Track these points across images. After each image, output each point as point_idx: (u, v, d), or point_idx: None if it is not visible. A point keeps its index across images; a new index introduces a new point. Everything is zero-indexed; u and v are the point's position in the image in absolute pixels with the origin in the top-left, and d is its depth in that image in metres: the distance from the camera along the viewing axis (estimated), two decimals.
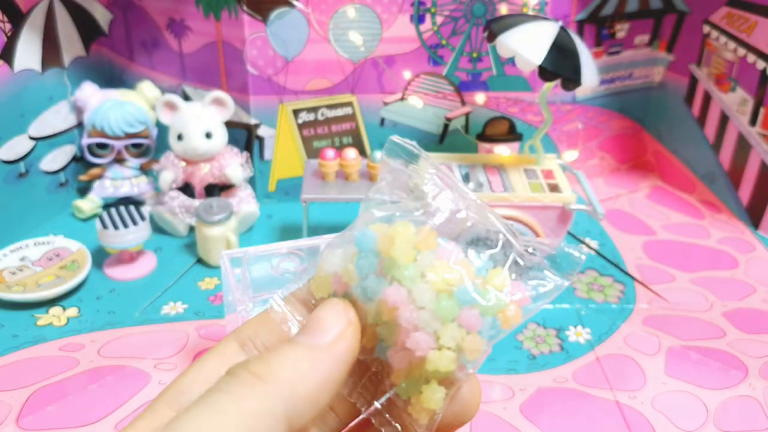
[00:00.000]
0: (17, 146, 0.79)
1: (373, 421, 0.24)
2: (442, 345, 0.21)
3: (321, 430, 0.24)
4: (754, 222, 0.88)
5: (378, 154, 0.77)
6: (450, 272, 0.22)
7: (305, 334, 0.22)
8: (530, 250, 0.23)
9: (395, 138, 0.25)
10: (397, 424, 0.23)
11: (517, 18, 0.73)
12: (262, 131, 0.88)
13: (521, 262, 0.23)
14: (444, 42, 0.87)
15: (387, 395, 0.24)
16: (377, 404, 0.23)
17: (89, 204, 0.84)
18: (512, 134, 0.90)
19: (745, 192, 0.88)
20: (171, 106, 0.80)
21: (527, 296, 0.23)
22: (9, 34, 0.76)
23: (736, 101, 0.87)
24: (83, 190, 0.87)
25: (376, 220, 0.24)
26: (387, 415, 0.23)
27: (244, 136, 0.88)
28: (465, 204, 0.24)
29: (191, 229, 0.82)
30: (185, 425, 0.20)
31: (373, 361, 0.24)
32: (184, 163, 0.82)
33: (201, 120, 0.79)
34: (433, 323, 0.22)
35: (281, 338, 0.24)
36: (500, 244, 0.24)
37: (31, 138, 0.80)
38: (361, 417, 0.24)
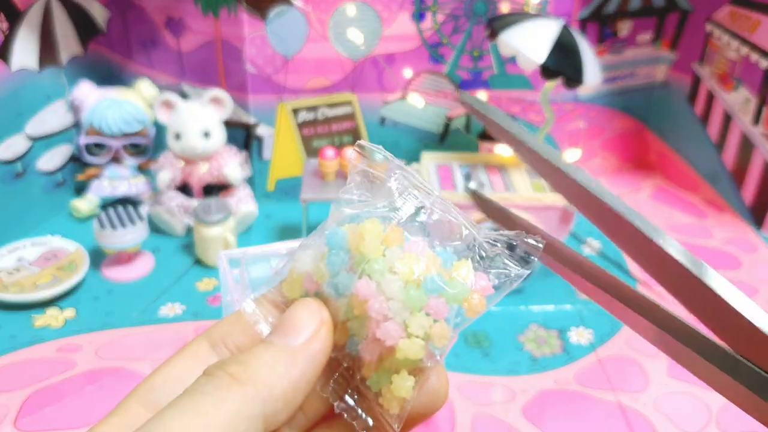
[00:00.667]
0: (14, 146, 0.78)
1: (345, 416, 0.24)
2: (411, 333, 0.22)
3: (291, 429, 0.24)
4: (758, 222, 0.87)
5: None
6: (417, 264, 0.23)
7: (279, 334, 0.23)
8: (491, 241, 0.25)
9: (361, 142, 0.26)
10: (368, 418, 0.24)
11: (519, 16, 0.72)
12: (261, 130, 0.88)
13: (483, 254, 0.25)
14: (445, 40, 0.86)
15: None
16: (348, 399, 0.24)
17: (87, 204, 0.83)
18: None
19: (749, 192, 0.88)
20: (168, 105, 0.80)
21: (490, 285, 0.24)
22: (6, 33, 0.75)
23: (739, 100, 0.87)
24: (81, 190, 0.87)
25: (345, 218, 0.25)
26: (359, 410, 0.24)
27: (242, 136, 0.88)
28: (430, 201, 0.25)
29: (189, 229, 0.81)
30: (166, 425, 0.20)
31: (345, 357, 0.24)
32: (182, 163, 0.81)
33: (199, 119, 0.79)
34: (402, 313, 0.23)
35: (253, 339, 0.24)
36: (464, 237, 0.25)
37: (29, 137, 0.80)
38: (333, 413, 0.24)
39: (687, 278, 0.22)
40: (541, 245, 0.24)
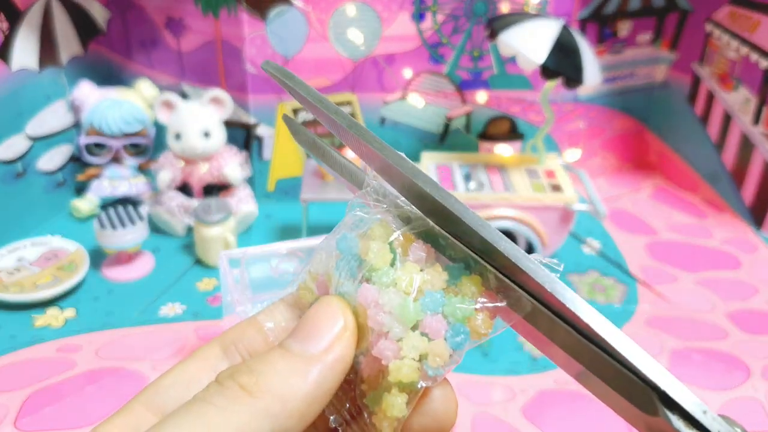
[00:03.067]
0: (14, 146, 0.78)
1: (340, 431, 0.23)
2: (404, 355, 0.21)
3: None
4: (757, 222, 0.87)
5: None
6: (419, 277, 0.22)
7: (297, 338, 0.21)
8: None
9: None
10: None
11: (519, 16, 0.72)
12: (261, 130, 0.88)
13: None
14: (445, 40, 0.86)
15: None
16: (346, 413, 0.23)
17: (87, 204, 0.84)
18: (514, 133, 0.90)
19: (749, 192, 0.88)
20: (169, 105, 0.80)
21: (502, 307, 0.22)
22: (6, 33, 0.75)
23: (738, 100, 0.87)
24: (81, 190, 0.87)
25: (357, 222, 0.24)
26: (354, 427, 0.23)
27: (242, 136, 0.88)
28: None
29: (189, 229, 0.81)
30: None
31: (349, 369, 0.24)
32: (182, 163, 0.81)
33: (199, 119, 0.79)
34: (397, 329, 0.21)
35: (266, 343, 0.23)
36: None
37: (29, 137, 0.80)
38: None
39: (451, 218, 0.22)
40: (560, 267, 0.22)
